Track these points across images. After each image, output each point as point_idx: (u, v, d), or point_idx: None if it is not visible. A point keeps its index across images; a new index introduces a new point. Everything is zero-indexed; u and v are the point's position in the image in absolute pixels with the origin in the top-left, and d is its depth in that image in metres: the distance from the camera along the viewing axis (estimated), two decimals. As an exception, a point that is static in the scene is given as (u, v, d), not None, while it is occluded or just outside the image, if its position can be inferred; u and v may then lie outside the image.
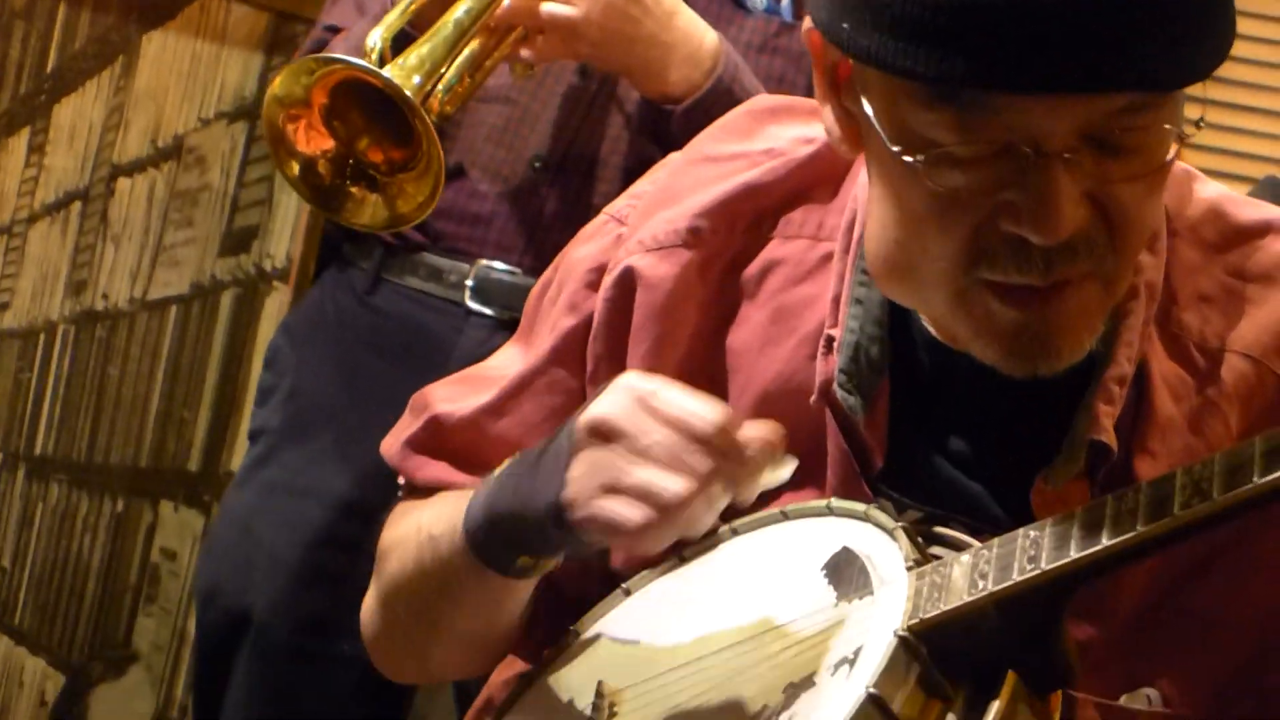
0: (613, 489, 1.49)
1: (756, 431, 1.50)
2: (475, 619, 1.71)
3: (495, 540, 1.61)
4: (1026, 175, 1.41)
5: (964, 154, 1.43)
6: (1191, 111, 1.42)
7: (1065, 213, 1.41)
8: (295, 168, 2.54)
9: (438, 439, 1.80)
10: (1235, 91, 4.09)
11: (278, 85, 2.49)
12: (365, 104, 2.50)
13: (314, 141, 2.53)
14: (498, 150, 2.74)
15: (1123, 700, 1.55)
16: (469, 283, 2.71)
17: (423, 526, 1.72)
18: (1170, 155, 1.44)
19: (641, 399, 1.50)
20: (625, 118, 2.69)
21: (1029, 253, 1.43)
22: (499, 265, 2.70)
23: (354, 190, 2.55)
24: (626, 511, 1.48)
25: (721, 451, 1.48)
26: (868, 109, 1.48)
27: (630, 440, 1.49)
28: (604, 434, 1.50)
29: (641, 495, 1.48)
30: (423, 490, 1.80)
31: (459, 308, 2.71)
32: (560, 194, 2.68)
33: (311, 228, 3.09)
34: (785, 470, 1.57)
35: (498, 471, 1.64)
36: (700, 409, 1.49)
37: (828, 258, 1.64)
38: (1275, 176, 2.46)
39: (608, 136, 2.69)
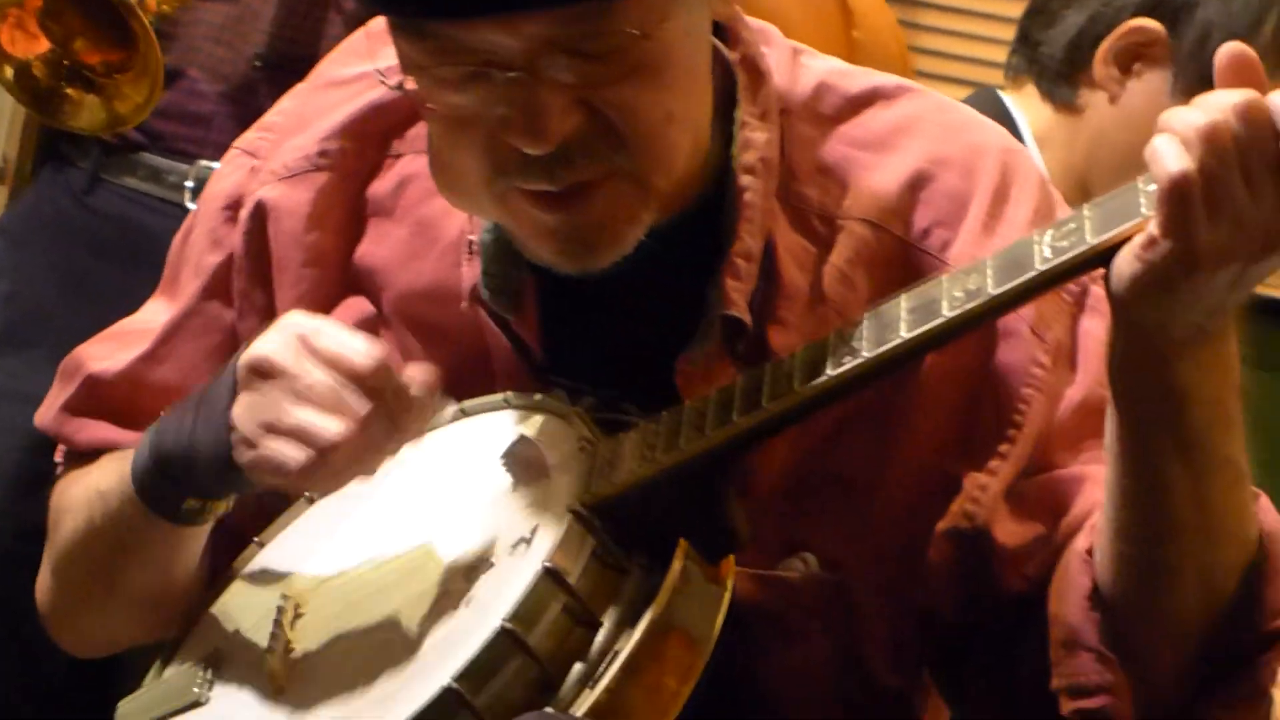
0: (272, 429, 1.49)
1: (417, 373, 1.50)
2: (150, 572, 1.70)
3: (161, 485, 1.61)
4: (510, 91, 1.45)
5: (448, 76, 1.47)
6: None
7: (548, 124, 1.44)
8: (9, 71, 2.49)
9: (96, 398, 1.77)
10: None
11: (-11, -15, 2.44)
12: (81, 5, 2.45)
13: (29, 43, 2.48)
14: (218, 49, 2.70)
15: (778, 569, 1.58)
16: (189, 184, 2.67)
17: (91, 485, 1.71)
18: (651, 54, 1.46)
19: (303, 338, 1.50)
20: (345, 18, 2.66)
21: (532, 163, 1.47)
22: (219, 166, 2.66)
23: (70, 92, 2.51)
24: (288, 451, 1.48)
25: (381, 391, 1.48)
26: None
27: (289, 380, 1.49)
28: (264, 373, 1.50)
29: (299, 436, 1.48)
30: (87, 456, 1.77)
31: (179, 209, 2.65)
32: (280, 94, 2.64)
33: (28, 127, 3.03)
34: (447, 412, 1.60)
35: (161, 417, 1.63)
36: (360, 348, 1.49)
37: None
38: (993, 88, 2.48)
39: (327, 36, 2.66)
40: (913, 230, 1.59)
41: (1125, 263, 1.34)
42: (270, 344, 1.51)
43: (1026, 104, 2.42)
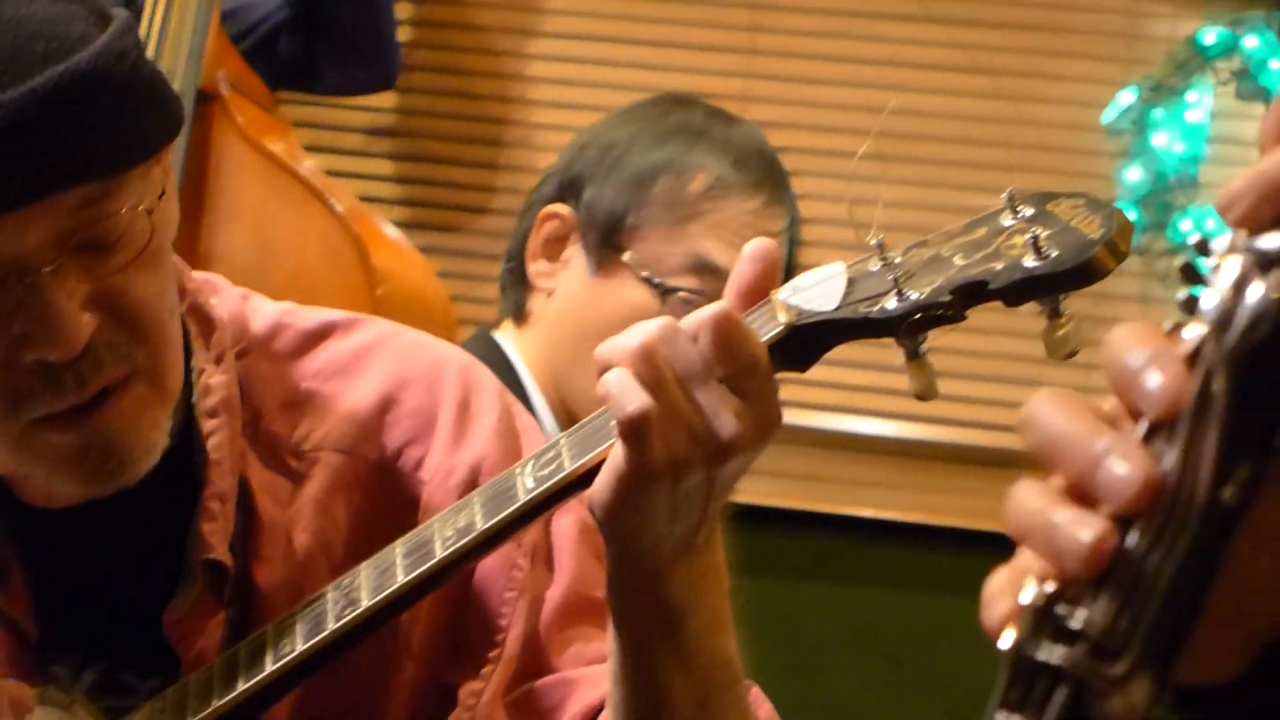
0: None
1: None
2: None
3: None
4: (24, 302, 1.44)
5: None
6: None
7: (71, 325, 1.43)
8: None
9: None
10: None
11: None
12: None
13: None
14: None
15: None
16: None
17: None
18: (151, 236, 1.48)
19: None
20: None
21: (59, 375, 1.45)
22: None
23: None
24: None
25: None
26: None
27: None
28: None
29: None
30: None
31: None
32: None
33: None
34: None
35: None
36: None
37: None
38: (486, 329, 2.48)
39: None
40: (386, 452, 1.61)
41: (598, 487, 1.36)
42: None
43: (511, 334, 2.44)
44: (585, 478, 1.38)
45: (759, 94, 3.87)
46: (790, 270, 2.31)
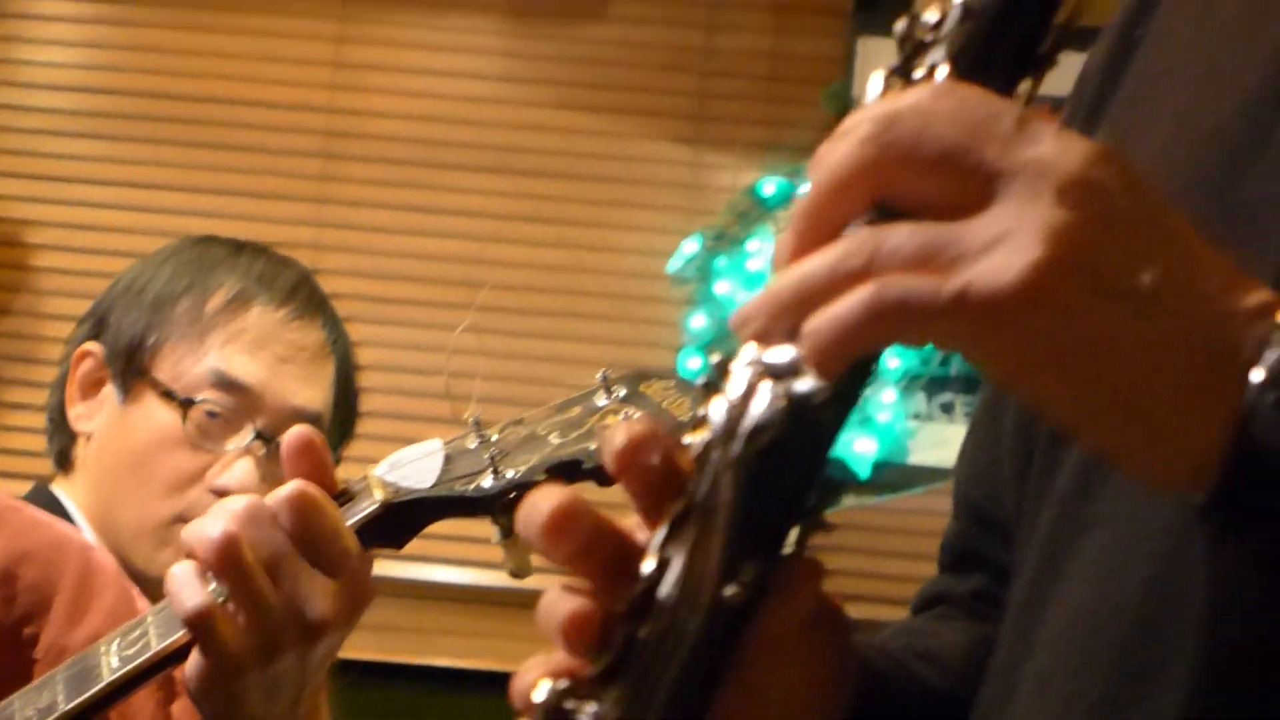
0: None
1: None
2: None
3: None
4: None
5: None
6: None
7: None
8: None
9: None
10: None
11: None
12: None
13: None
14: None
15: None
16: None
17: None
18: None
19: None
20: None
21: None
22: None
23: None
24: None
25: None
26: None
27: None
28: None
29: None
30: None
31: None
32: None
33: None
34: None
35: None
36: None
37: None
38: (43, 482, 2.40)
39: None
40: None
41: (188, 670, 1.33)
42: None
43: (62, 484, 2.37)
44: (176, 655, 1.35)
45: (330, 242, 3.87)
46: (347, 390, 2.28)
